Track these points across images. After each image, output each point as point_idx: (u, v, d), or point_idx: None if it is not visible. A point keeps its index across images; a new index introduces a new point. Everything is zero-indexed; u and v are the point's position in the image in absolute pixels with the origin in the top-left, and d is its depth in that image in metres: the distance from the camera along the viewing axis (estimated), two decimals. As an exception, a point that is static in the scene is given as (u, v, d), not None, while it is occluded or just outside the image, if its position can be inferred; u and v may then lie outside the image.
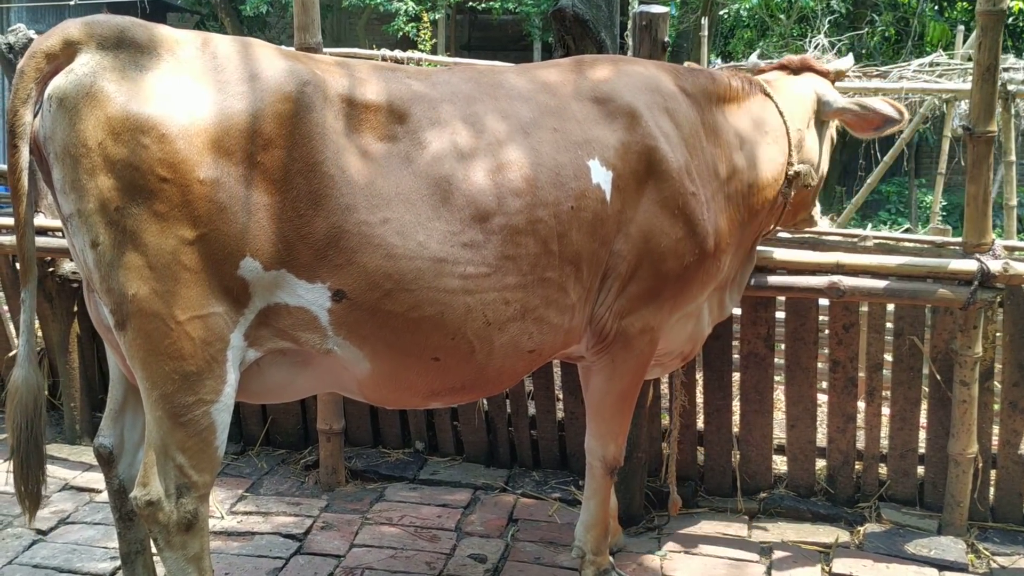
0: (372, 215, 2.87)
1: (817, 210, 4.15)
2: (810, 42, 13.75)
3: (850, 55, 4.55)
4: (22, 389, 2.86)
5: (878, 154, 10.29)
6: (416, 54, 11.04)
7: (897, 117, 3.81)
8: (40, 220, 4.92)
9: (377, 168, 2.91)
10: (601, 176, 3.23)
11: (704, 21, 13.19)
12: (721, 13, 17.37)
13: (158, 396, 2.77)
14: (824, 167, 4.00)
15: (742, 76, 3.83)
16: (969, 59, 10.24)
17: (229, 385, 2.84)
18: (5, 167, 5.45)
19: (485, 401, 4.89)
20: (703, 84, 3.63)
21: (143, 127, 2.62)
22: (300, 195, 2.80)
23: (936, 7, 17.12)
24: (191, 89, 2.72)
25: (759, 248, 4.07)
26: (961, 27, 11.39)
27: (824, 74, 4.02)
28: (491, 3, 18.47)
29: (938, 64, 9.72)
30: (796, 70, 4.03)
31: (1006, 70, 8.28)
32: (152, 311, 2.68)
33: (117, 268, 2.66)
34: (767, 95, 3.82)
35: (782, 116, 3.77)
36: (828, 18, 15.80)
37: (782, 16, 16.78)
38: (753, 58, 4.54)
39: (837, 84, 4.11)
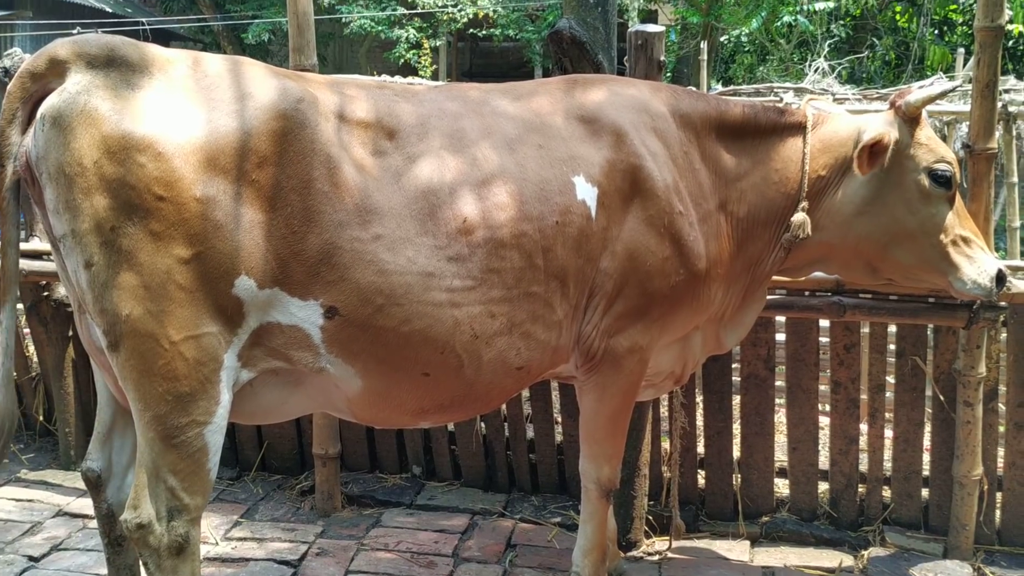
0: (364, 231, 2.85)
1: (961, 276, 3.46)
2: (810, 66, 13.80)
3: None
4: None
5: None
6: (417, 80, 11.08)
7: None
8: (35, 244, 4.93)
9: (368, 184, 2.90)
10: (586, 192, 3.21)
11: (704, 46, 13.22)
12: (722, 39, 17.42)
13: (151, 417, 2.73)
14: (879, 223, 3.48)
15: (778, 109, 3.62)
16: (970, 81, 10.24)
17: (222, 406, 2.81)
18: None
19: (483, 425, 4.84)
20: (703, 110, 3.54)
21: (139, 146, 2.61)
22: (294, 212, 2.78)
23: (936, 31, 17.16)
24: (185, 107, 2.71)
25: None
26: (961, 50, 11.40)
27: (896, 109, 3.49)
28: (492, 30, 18.58)
29: (938, 87, 9.70)
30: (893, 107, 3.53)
31: (1007, 91, 8.27)
32: (146, 331, 2.66)
33: (111, 288, 2.63)
34: (803, 132, 3.56)
35: (803, 157, 3.53)
36: (828, 42, 15.84)
37: (782, 40, 16.83)
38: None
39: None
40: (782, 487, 4.66)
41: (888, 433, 4.48)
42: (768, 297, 4.01)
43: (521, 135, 3.22)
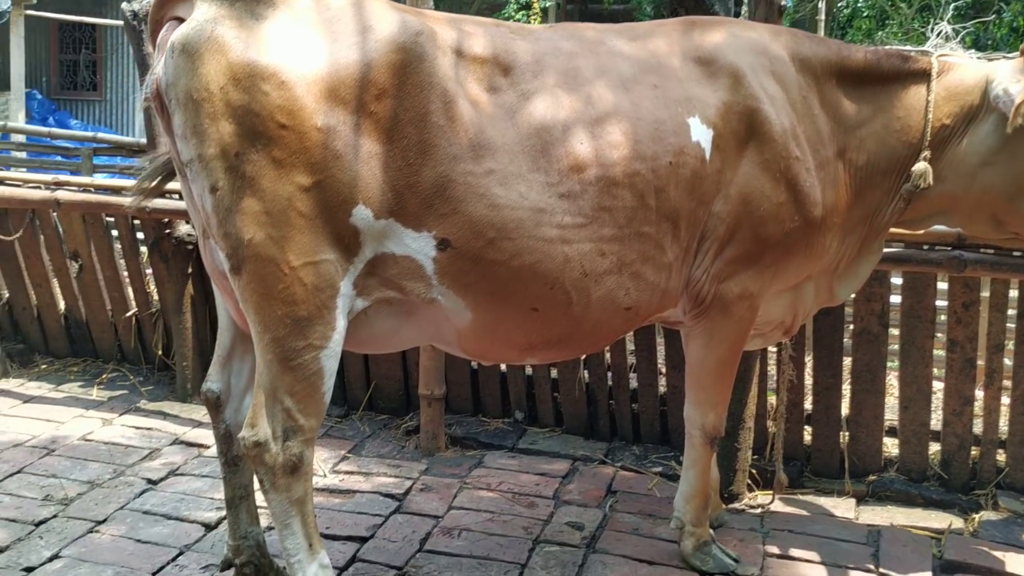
0: (477, 165, 2.88)
1: None
2: (932, 30, 13.30)
3: None
4: None
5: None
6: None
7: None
8: (159, 183, 5.08)
9: (482, 119, 2.92)
10: (701, 134, 3.18)
11: (821, 6, 12.87)
12: (839, 3, 16.92)
13: (270, 340, 2.82)
14: (1005, 174, 3.36)
15: (902, 56, 3.51)
16: (1105, 44, 9.74)
17: (338, 332, 2.88)
18: (127, 139, 5.66)
19: (586, 373, 4.86)
20: (823, 54, 3.46)
21: (263, 74, 2.68)
22: (410, 144, 2.83)
23: (1070, -5, 16.34)
24: (308, 38, 2.78)
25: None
26: (1098, 13, 10.85)
27: None
28: (602, -9, 18.40)
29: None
30: None
31: None
32: (267, 256, 2.74)
33: (235, 213, 2.72)
34: (927, 80, 3.45)
35: (927, 105, 3.43)
36: (952, 6, 15.22)
37: (903, 4, 16.26)
38: None
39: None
40: (891, 446, 4.55)
41: (1006, 397, 4.34)
42: (885, 250, 3.91)
43: (637, 75, 3.20)
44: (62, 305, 5.94)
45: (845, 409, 4.49)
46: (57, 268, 5.77)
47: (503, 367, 5.02)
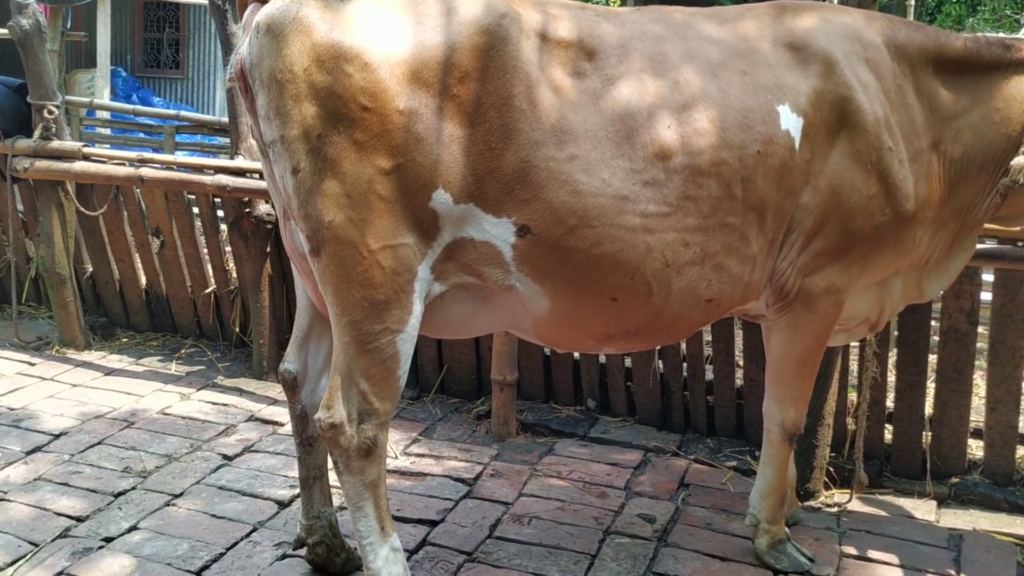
0: (560, 151, 2.84)
1: None
2: (1026, 17, 12.87)
3: None
4: None
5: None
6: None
7: None
8: (239, 162, 5.15)
9: (566, 104, 2.87)
10: (791, 122, 3.08)
11: (910, -8, 12.52)
12: (928, -13, 16.46)
13: (347, 322, 2.82)
14: None
15: (1004, 44, 3.37)
16: None
17: (414, 316, 2.87)
18: (208, 117, 5.73)
19: (661, 363, 4.79)
20: (920, 42, 3.34)
21: (347, 56, 2.67)
22: (492, 128, 2.79)
23: None
24: (391, 20, 2.75)
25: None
26: None
27: None
28: (682, -24, 18.13)
29: None
30: None
31: None
32: (346, 238, 2.74)
33: (316, 195, 2.72)
34: None
35: None
36: (1048, -9, 14.72)
37: (996, -11, 15.76)
38: None
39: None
40: (975, 448, 4.41)
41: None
42: (977, 246, 3.77)
43: (725, 60, 3.12)
44: (143, 280, 6.05)
45: (929, 408, 4.36)
46: (139, 244, 5.89)
47: (576, 354, 4.97)
